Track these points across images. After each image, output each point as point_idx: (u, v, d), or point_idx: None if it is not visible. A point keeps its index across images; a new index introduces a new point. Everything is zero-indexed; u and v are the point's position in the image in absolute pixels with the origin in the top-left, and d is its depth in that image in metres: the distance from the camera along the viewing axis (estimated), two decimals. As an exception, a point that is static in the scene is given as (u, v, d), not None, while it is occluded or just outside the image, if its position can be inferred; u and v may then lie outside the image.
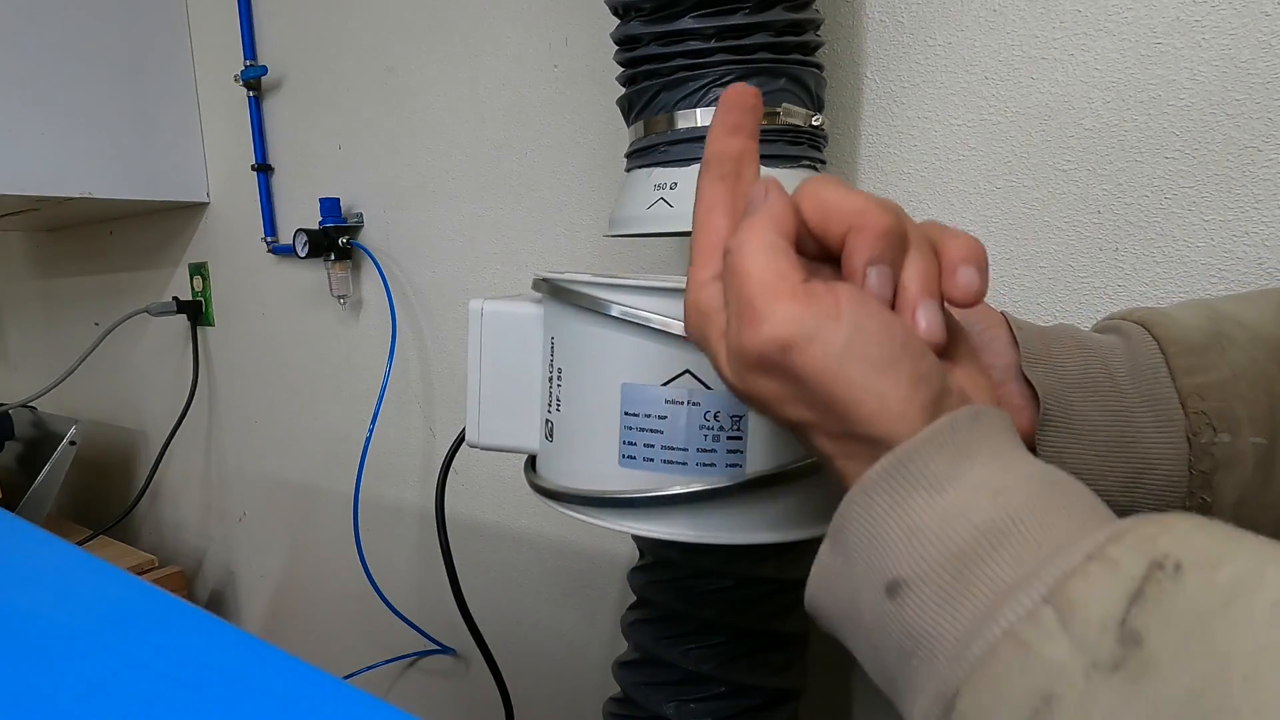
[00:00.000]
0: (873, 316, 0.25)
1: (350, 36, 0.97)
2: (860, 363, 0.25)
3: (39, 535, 0.52)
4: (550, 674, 0.93)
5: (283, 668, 0.34)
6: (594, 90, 0.76)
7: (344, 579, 1.13)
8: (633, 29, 0.52)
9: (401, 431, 1.02)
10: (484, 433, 0.44)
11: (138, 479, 1.47)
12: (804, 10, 0.52)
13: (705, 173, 0.31)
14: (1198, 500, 0.34)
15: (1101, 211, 0.52)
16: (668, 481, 0.36)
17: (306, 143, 1.06)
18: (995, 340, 0.38)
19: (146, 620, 0.39)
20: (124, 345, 1.46)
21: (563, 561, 0.89)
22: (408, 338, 0.98)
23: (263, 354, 1.21)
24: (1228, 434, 0.33)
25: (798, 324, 0.25)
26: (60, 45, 1.08)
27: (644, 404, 0.36)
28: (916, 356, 0.25)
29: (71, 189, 1.09)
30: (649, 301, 0.35)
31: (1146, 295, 0.52)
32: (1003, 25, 0.54)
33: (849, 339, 0.25)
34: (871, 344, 0.25)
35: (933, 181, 0.58)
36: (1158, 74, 0.50)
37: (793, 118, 0.52)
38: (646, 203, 0.53)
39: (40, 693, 0.33)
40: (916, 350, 0.25)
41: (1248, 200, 0.48)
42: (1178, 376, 0.34)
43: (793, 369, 0.25)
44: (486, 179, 0.87)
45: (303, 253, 0.97)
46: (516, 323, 0.42)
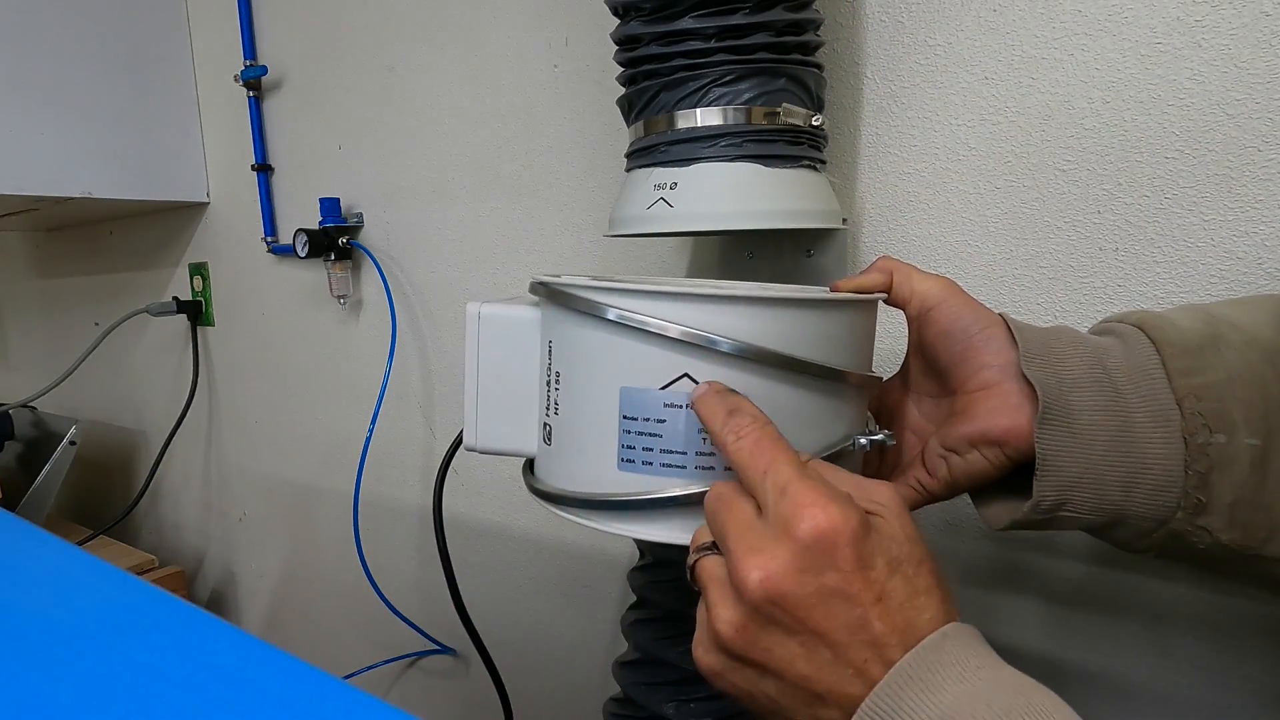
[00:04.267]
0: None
1: (350, 36, 0.97)
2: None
3: (39, 535, 0.52)
4: (550, 674, 0.93)
5: (283, 668, 0.34)
6: (594, 90, 0.76)
7: (344, 579, 1.13)
8: (633, 29, 0.52)
9: (401, 431, 1.02)
10: (482, 436, 0.44)
11: (138, 479, 1.47)
12: (804, 10, 0.52)
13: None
14: (1193, 500, 0.34)
15: (1101, 211, 0.52)
16: (666, 484, 0.36)
17: (306, 143, 1.06)
18: (993, 340, 0.38)
19: (146, 620, 0.39)
20: (124, 345, 1.46)
21: (562, 562, 0.89)
22: (408, 338, 0.98)
23: (263, 354, 1.21)
24: (1223, 435, 0.33)
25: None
26: (60, 45, 1.08)
27: (642, 407, 0.36)
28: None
29: (71, 189, 1.09)
30: (646, 305, 0.35)
31: (1146, 295, 0.52)
32: (1003, 25, 0.54)
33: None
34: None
35: (933, 181, 0.58)
36: (1158, 74, 0.50)
37: (793, 118, 0.52)
38: (646, 203, 0.53)
39: (40, 693, 0.33)
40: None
41: (1248, 200, 0.48)
42: (1174, 378, 0.34)
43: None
44: (486, 179, 0.87)
45: (303, 253, 0.97)
46: (514, 326, 0.42)
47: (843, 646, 0.28)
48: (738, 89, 0.51)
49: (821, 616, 0.28)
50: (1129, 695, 0.56)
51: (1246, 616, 0.51)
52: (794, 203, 0.52)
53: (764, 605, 0.29)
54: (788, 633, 0.29)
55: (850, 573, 0.28)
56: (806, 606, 0.28)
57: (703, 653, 0.32)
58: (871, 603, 0.28)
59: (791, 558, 0.28)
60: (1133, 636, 0.55)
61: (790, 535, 0.29)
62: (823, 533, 0.28)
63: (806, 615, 0.28)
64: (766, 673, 0.30)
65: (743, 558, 0.29)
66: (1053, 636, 0.59)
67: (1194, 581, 0.53)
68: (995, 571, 0.60)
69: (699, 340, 0.34)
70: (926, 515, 0.62)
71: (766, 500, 0.30)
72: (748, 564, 0.29)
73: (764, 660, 0.30)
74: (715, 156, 0.51)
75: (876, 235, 0.61)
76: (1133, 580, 0.55)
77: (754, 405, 0.34)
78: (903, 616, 0.28)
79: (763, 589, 0.29)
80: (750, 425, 0.32)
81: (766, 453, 0.31)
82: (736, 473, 0.32)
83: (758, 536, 0.30)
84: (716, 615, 0.30)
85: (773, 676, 0.30)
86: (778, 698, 0.30)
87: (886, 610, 0.28)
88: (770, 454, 0.31)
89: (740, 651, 0.30)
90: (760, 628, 0.29)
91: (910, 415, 0.43)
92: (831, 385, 0.37)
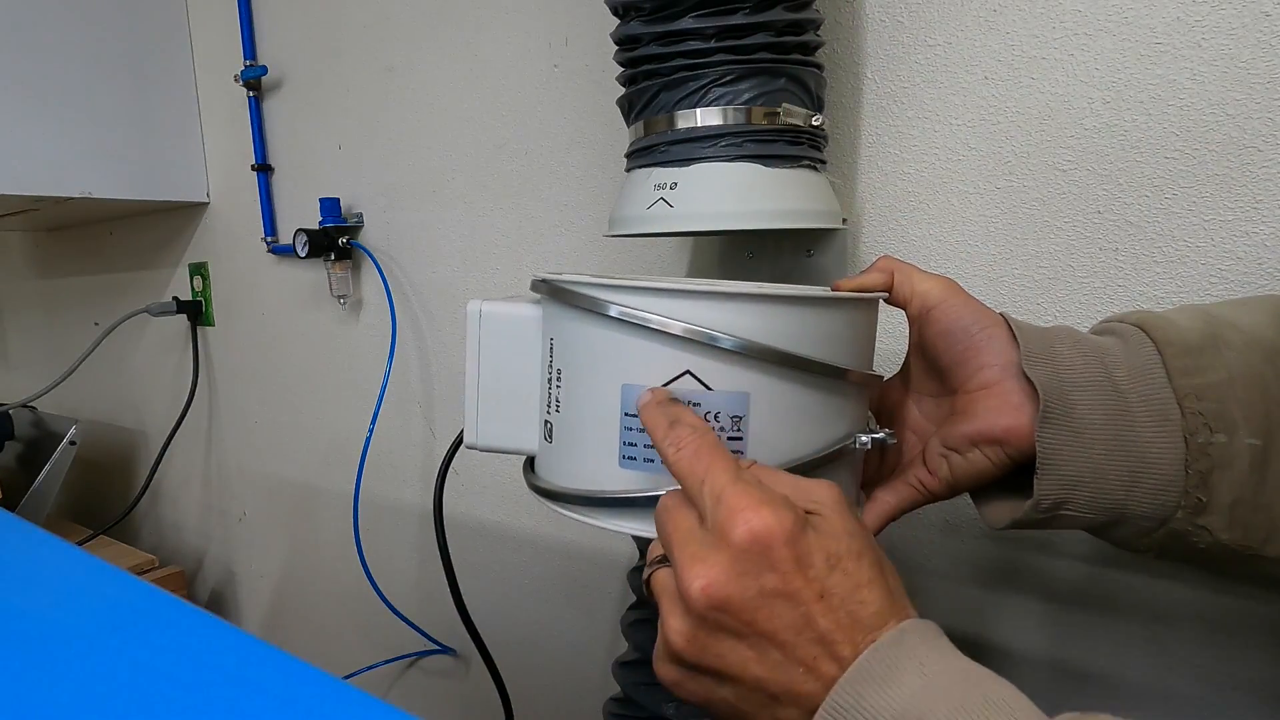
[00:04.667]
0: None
1: (350, 36, 0.97)
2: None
3: (39, 535, 0.52)
4: (550, 674, 0.93)
5: (283, 668, 0.34)
6: (594, 90, 0.76)
7: (344, 579, 1.13)
8: (633, 29, 0.52)
9: (401, 431, 1.02)
10: (482, 434, 0.44)
11: (138, 479, 1.47)
12: (804, 10, 0.52)
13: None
14: (1193, 500, 0.34)
15: (1101, 211, 0.52)
16: (668, 482, 0.36)
17: (306, 143, 1.06)
18: (994, 339, 0.38)
19: (146, 620, 0.39)
20: (124, 345, 1.46)
21: (563, 562, 0.89)
22: (408, 338, 0.98)
23: (263, 354, 1.21)
24: (1224, 434, 0.33)
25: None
26: (60, 45, 1.08)
27: None
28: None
29: (71, 189, 1.09)
30: (648, 302, 0.35)
31: (1146, 295, 0.52)
32: (1003, 25, 0.54)
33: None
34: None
35: (933, 181, 0.58)
36: (1158, 74, 0.50)
37: (793, 118, 0.52)
38: (646, 202, 0.53)
39: (40, 693, 0.33)
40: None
41: (1248, 200, 0.48)
42: (1174, 377, 0.34)
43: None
44: (486, 179, 0.87)
45: (303, 253, 0.97)
46: (515, 324, 0.42)
47: (790, 646, 0.29)
48: (738, 89, 0.51)
49: (765, 618, 0.29)
50: (1128, 694, 0.56)
51: (1245, 616, 0.51)
52: (794, 203, 0.52)
53: (709, 612, 0.29)
54: (737, 637, 0.29)
55: (789, 572, 0.29)
56: (750, 609, 0.29)
57: (660, 664, 0.32)
58: (813, 599, 0.29)
59: (730, 563, 0.29)
60: (1132, 636, 0.55)
61: (727, 541, 0.29)
62: (757, 535, 0.29)
63: (751, 618, 0.29)
64: (723, 679, 0.30)
65: (686, 567, 0.30)
66: (1053, 636, 0.59)
67: (1193, 581, 0.53)
68: (995, 571, 0.60)
69: (701, 337, 0.34)
70: (927, 515, 0.62)
71: (705, 508, 0.31)
72: (690, 573, 0.29)
73: (718, 666, 0.30)
74: (715, 156, 0.51)
75: (876, 235, 0.61)
76: (1132, 580, 0.55)
77: (694, 415, 0.34)
78: (845, 611, 0.29)
79: (705, 596, 0.29)
80: (690, 435, 0.33)
81: (703, 461, 0.31)
82: (680, 483, 0.33)
83: (698, 545, 0.30)
84: (668, 626, 0.31)
85: (729, 682, 0.30)
86: (737, 703, 0.30)
87: (829, 606, 0.29)
88: (706, 462, 0.31)
89: (694, 660, 0.30)
90: (709, 635, 0.30)
91: (911, 414, 0.43)
92: (833, 383, 0.37)
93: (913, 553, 0.63)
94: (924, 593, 0.63)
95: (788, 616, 0.28)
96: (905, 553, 0.63)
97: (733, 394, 0.35)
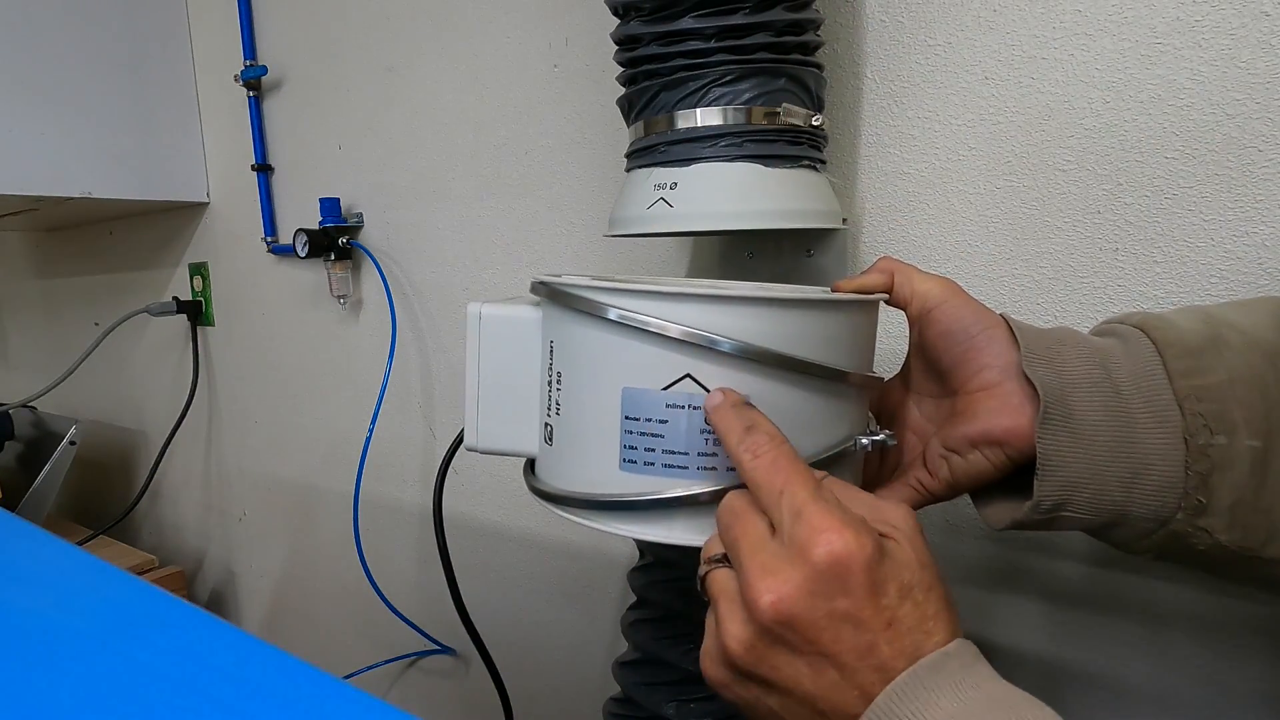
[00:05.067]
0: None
1: (350, 36, 0.97)
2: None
3: (39, 535, 0.52)
4: (550, 674, 0.93)
5: (283, 668, 0.34)
6: (594, 90, 0.76)
7: (344, 579, 1.13)
8: (633, 29, 0.52)
9: (401, 431, 1.02)
10: (482, 436, 0.44)
11: (138, 479, 1.47)
12: (804, 10, 0.52)
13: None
14: (1193, 501, 0.34)
15: (1102, 211, 0.52)
16: (668, 485, 0.36)
17: (306, 143, 1.06)
18: (995, 340, 0.38)
19: (146, 620, 0.39)
20: (124, 345, 1.46)
21: (563, 562, 0.89)
22: (408, 338, 0.98)
23: (263, 354, 1.21)
24: (1224, 436, 0.33)
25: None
26: (60, 45, 1.08)
27: (644, 408, 0.36)
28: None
29: (71, 189, 1.09)
30: (647, 305, 0.35)
31: (1146, 295, 0.52)
32: (1003, 25, 0.54)
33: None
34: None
35: (933, 181, 0.58)
36: (1158, 74, 0.50)
37: (793, 118, 0.51)
38: (646, 203, 0.53)
39: (40, 693, 0.33)
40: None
41: (1248, 200, 0.48)
42: (1175, 379, 0.34)
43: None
44: (486, 179, 0.87)
45: (303, 253, 0.97)
46: (515, 326, 0.42)
47: (850, 670, 0.29)
48: (738, 89, 0.51)
49: (830, 640, 0.29)
50: (1128, 695, 0.56)
51: (1245, 617, 0.51)
52: (794, 203, 0.52)
53: (774, 626, 0.29)
54: (796, 653, 0.29)
55: (862, 598, 0.29)
56: (816, 629, 0.29)
57: (710, 664, 0.32)
58: (881, 628, 0.29)
59: (804, 581, 0.29)
60: (1132, 636, 0.55)
61: (804, 559, 0.29)
62: (837, 558, 0.28)
63: (816, 638, 0.29)
64: (772, 689, 0.30)
65: (756, 578, 0.30)
66: (1053, 637, 0.59)
67: (1193, 582, 0.53)
68: (995, 571, 0.60)
69: (700, 340, 0.34)
70: (927, 516, 0.62)
71: (781, 521, 0.30)
72: (760, 585, 0.29)
73: (771, 677, 0.30)
74: (715, 156, 0.51)
75: (876, 235, 0.61)
76: (1132, 581, 0.55)
77: (770, 422, 0.34)
78: (911, 641, 0.29)
79: (774, 610, 0.29)
80: (767, 443, 0.33)
81: (783, 472, 0.31)
82: (751, 490, 0.32)
83: (771, 557, 0.30)
84: (726, 631, 0.31)
85: (778, 693, 0.30)
86: (781, 713, 0.30)
87: (896, 635, 0.29)
88: (787, 474, 0.31)
89: (748, 668, 0.30)
90: (769, 647, 0.30)
91: (911, 416, 0.43)
92: (833, 385, 0.37)
93: (913, 553, 0.63)
94: (924, 593, 0.63)
95: (853, 641, 0.29)
96: (905, 553, 0.63)
97: None
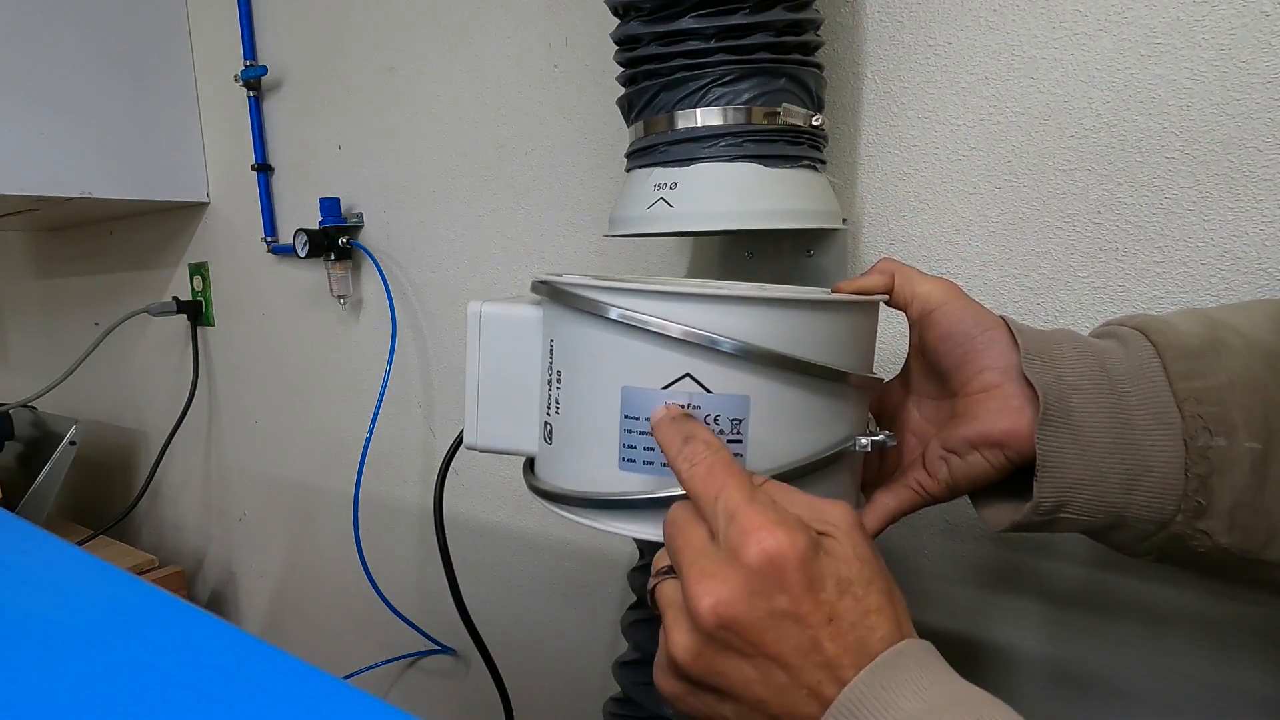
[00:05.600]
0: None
1: (350, 36, 0.97)
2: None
3: (39, 535, 0.52)
4: (550, 674, 0.93)
5: (283, 668, 0.34)
6: (594, 90, 0.76)
7: (344, 579, 1.13)
8: (633, 29, 0.52)
9: (401, 431, 1.02)
10: (482, 435, 0.44)
11: (138, 479, 1.47)
12: (804, 10, 0.52)
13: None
14: (1193, 503, 0.34)
15: (1102, 211, 0.52)
16: (667, 484, 0.36)
17: (306, 143, 1.06)
18: (995, 342, 0.38)
19: (146, 620, 0.39)
20: (124, 345, 1.46)
21: (563, 562, 0.89)
22: (408, 338, 0.98)
23: (263, 354, 1.21)
24: (1223, 438, 0.33)
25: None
26: (60, 45, 1.08)
27: (644, 407, 0.36)
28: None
29: (71, 189, 1.09)
30: (647, 304, 0.35)
31: (1146, 295, 0.52)
32: (1003, 25, 0.54)
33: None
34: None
35: (933, 181, 0.58)
36: (1158, 74, 0.50)
37: (793, 118, 0.51)
38: (646, 203, 0.53)
39: (40, 693, 0.33)
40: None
41: (1248, 200, 0.48)
42: (1174, 381, 0.34)
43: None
44: (486, 179, 0.87)
45: (303, 253, 0.97)
46: (515, 325, 0.42)
47: (796, 669, 0.28)
48: (738, 89, 0.51)
49: (773, 640, 0.29)
50: (1127, 696, 0.56)
51: (1245, 619, 0.51)
52: (794, 203, 0.52)
53: (717, 631, 0.29)
54: (742, 657, 0.29)
55: (800, 595, 0.28)
56: (758, 630, 0.29)
57: (662, 677, 0.32)
58: (822, 624, 0.28)
59: (741, 582, 0.29)
60: (1132, 637, 0.55)
61: (739, 560, 0.29)
62: (770, 556, 0.28)
63: (759, 639, 0.29)
64: (724, 697, 0.30)
65: (695, 583, 0.30)
66: (1053, 637, 0.59)
67: (1193, 584, 0.53)
68: (995, 572, 0.60)
69: (700, 340, 0.34)
70: (926, 517, 0.62)
71: (718, 526, 0.30)
72: (699, 589, 0.29)
73: (721, 684, 0.30)
74: (715, 156, 0.51)
75: (876, 235, 0.61)
76: (1132, 582, 0.55)
77: (708, 431, 0.34)
78: (854, 636, 0.29)
79: (714, 614, 0.29)
80: (704, 451, 0.33)
81: (718, 479, 0.31)
82: (691, 499, 0.33)
83: (709, 562, 0.30)
84: (673, 640, 0.31)
85: (730, 700, 0.30)
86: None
87: (838, 631, 0.28)
88: (721, 479, 0.31)
89: (697, 677, 0.30)
90: (715, 653, 0.30)
91: (911, 417, 0.43)
92: (833, 386, 0.37)
93: (912, 554, 0.63)
94: (924, 594, 0.63)
95: (795, 639, 0.28)
96: (905, 554, 0.63)
97: (732, 397, 0.35)
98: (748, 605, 0.29)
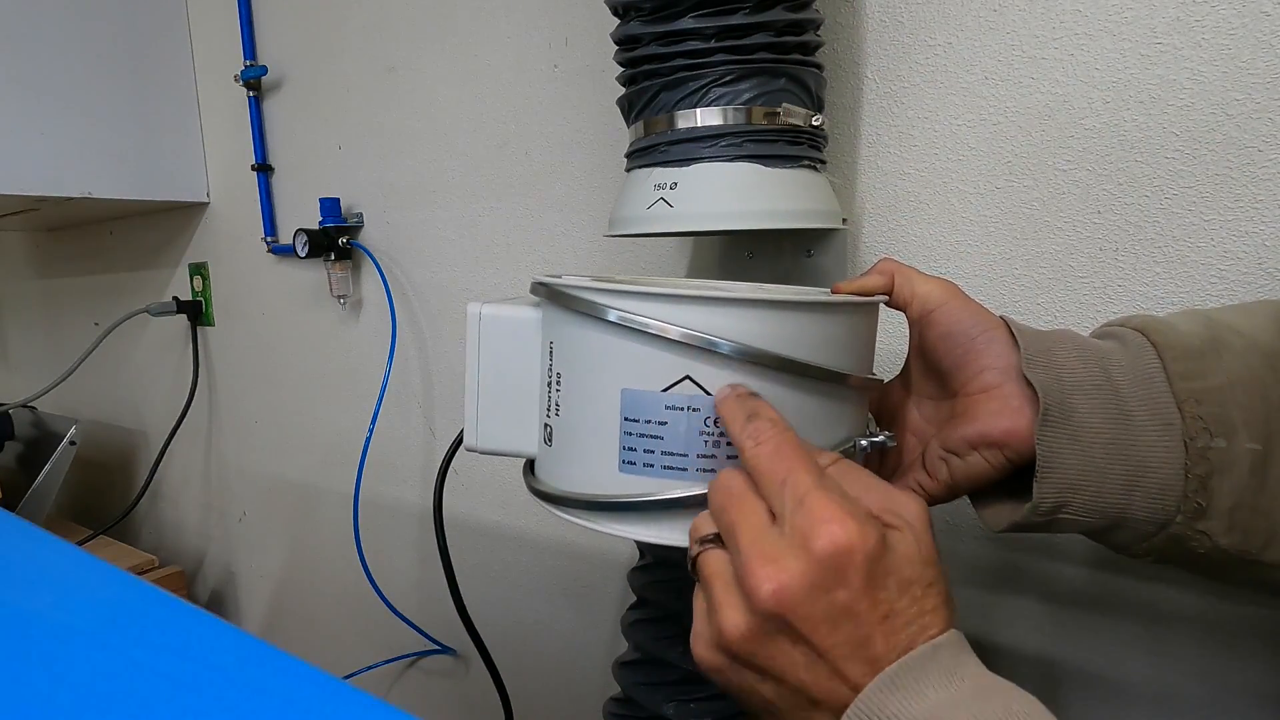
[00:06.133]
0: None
1: (350, 36, 0.97)
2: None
3: (39, 535, 0.52)
4: (550, 674, 0.93)
5: (283, 668, 0.34)
6: (594, 90, 0.76)
7: (344, 579, 1.13)
8: (633, 29, 0.52)
9: (401, 431, 1.02)
10: (482, 437, 0.44)
11: (138, 479, 1.47)
12: (804, 10, 0.52)
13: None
14: (1193, 504, 0.34)
15: (1101, 211, 0.52)
16: (667, 486, 0.36)
17: (306, 143, 1.06)
18: (995, 342, 0.38)
19: (146, 620, 0.39)
20: (124, 345, 1.46)
21: (563, 562, 0.89)
22: (408, 338, 0.98)
23: (263, 354, 1.21)
24: (1223, 439, 0.33)
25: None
26: (60, 45, 1.08)
27: (644, 409, 0.36)
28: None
29: (71, 189, 1.09)
30: (647, 306, 0.35)
31: (1146, 295, 0.52)
32: (1003, 25, 0.54)
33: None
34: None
35: (933, 181, 0.58)
36: (1158, 74, 0.50)
37: (793, 118, 0.51)
38: (646, 203, 0.53)
39: (40, 693, 0.33)
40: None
41: (1248, 200, 0.48)
42: (1175, 381, 0.34)
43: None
44: (486, 179, 0.87)
45: (303, 253, 0.97)
46: (515, 327, 0.42)
47: (843, 660, 0.29)
48: (738, 89, 0.51)
49: (827, 633, 0.29)
50: (1127, 696, 0.56)
51: (1244, 619, 0.51)
52: (794, 203, 0.52)
53: (774, 616, 0.29)
54: (792, 643, 0.29)
55: (860, 591, 0.28)
56: (813, 621, 0.29)
57: (703, 648, 0.32)
58: (877, 622, 0.29)
59: (805, 571, 0.29)
60: (1131, 637, 0.55)
61: (806, 548, 0.29)
62: (840, 548, 0.28)
63: (813, 630, 0.29)
64: (766, 676, 0.30)
65: (757, 565, 0.29)
66: (1052, 637, 0.59)
67: (1192, 584, 0.53)
68: (995, 572, 0.60)
69: (700, 342, 0.34)
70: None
71: (783, 508, 0.30)
72: (761, 573, 0.29)
73: (765, 665, 0.30)
74: (715, 156, 0.51)
75: (876, 235, 0.61)
76: (1132, 582, 0.55)
77: (773, 410, 0.34)
78: (906, 635, 0.29)
79: (775, 600, 0.29)
80: (770, 430, 0.32)
81: (786, 460, 0.31)
82: (753, 476, 0.32)
83: (772, 544, 0.30)
84: (724, 616, 0.30)
85: (772, 680, 0.30)
86: (774, 700, 0.30)
87: (891, 629, 0.29)
88: (790, 461, 0.31)
89: (744, 655, 0.30)
90: (766, 636, 0.30)
91: (911, 417, 0.43)
92: (832, 388, 0.37)
93: (913, 553, 0.63)
94: (924, 593, 0.63)
95: (848, 634, 0.29)
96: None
97: None
98: (808, 596, 0.28)
